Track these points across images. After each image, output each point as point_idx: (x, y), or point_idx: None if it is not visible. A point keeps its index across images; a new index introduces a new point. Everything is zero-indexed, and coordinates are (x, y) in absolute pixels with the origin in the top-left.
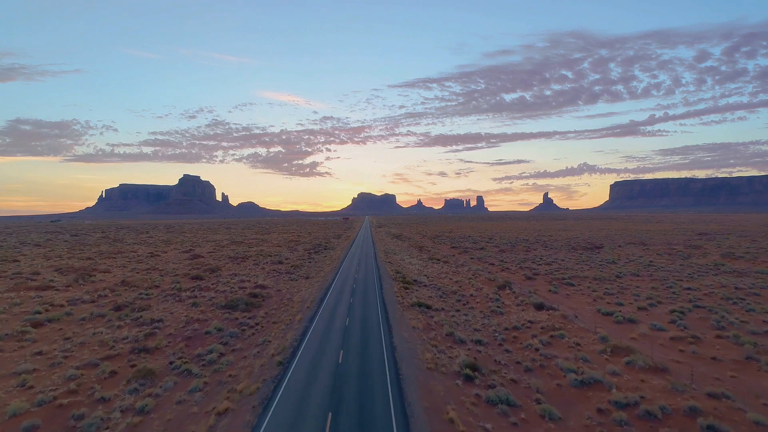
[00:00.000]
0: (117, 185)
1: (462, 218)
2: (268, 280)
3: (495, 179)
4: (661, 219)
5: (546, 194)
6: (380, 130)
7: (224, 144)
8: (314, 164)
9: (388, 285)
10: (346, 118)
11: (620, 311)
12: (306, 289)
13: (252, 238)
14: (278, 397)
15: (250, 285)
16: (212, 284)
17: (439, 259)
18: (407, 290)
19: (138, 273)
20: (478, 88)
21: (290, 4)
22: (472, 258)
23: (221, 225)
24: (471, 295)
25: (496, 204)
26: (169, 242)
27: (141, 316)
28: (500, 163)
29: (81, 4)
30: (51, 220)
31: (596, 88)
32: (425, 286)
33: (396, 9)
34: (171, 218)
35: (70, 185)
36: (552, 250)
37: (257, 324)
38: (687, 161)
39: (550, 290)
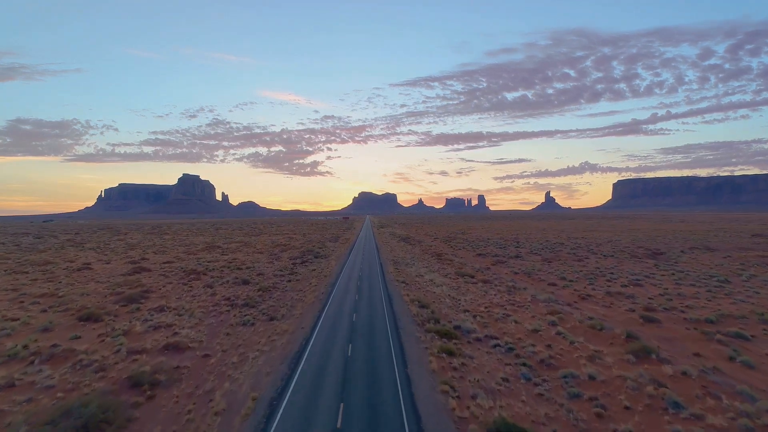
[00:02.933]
0: (117, 185)
1: (466, 218)
2: (203, 324)
3: (496, 178)
4: (685, 218)
5: (548, 193)
6: (381, 129)
7: (225, 143)
8: (315, 163)
9: (413, 341)
10: (347, 117)
11: None
12: (255, 357)
13: (235, 241)
14: None
15: (159, 343)
16: (94, 341)
17: (473, 276)
18: (452, 357)
19: (13, 306)
20: (480, 86)
21: (291, 3)
22: (515, 273)
23: (213, 225)
24: (591, 376)
25: (497, 203)
26: (133, 247)
27: None
28: (501, 162)
29: (81, 4)
30: (43, 220)
31: (599, 86)
32: (479, 340)
33: (398, 7)
34: (170, 218)
35: (71, 185)
36: (608, 258)
37: None
38: (689, 160)
39: (730, 358)
